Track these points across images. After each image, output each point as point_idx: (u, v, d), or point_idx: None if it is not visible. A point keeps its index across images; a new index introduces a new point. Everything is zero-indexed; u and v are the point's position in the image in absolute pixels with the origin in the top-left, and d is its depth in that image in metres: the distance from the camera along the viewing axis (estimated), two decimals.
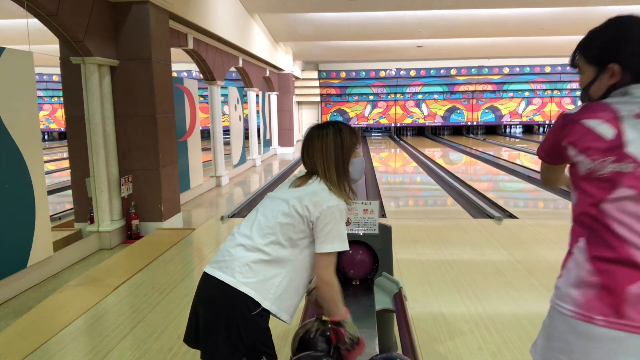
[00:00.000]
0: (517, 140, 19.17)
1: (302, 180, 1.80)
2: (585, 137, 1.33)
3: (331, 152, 1.78)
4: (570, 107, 20.77)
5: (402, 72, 20.49)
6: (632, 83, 1.35)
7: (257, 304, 1.64)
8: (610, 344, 1.26)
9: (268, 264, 1.67)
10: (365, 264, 2.83)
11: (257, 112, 13.73)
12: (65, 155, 8.27)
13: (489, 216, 6.29)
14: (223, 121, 9.80)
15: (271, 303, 1.66)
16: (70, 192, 6.00)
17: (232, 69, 10.61)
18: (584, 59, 1.43)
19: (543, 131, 22.04)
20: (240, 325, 1.62)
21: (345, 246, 1.70)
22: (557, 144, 1.43)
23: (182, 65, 17.00)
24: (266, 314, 1.67)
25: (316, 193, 1.72)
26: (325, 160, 1.77)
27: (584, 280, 1.32)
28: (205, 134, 13.25)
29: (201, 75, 9.00)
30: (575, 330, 1.31)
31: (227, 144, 10.55)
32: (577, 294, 1.33)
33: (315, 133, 1.83)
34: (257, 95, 13.55)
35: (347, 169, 1.80)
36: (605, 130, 1.30)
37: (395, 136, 21.56)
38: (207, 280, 1.70)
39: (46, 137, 21.08)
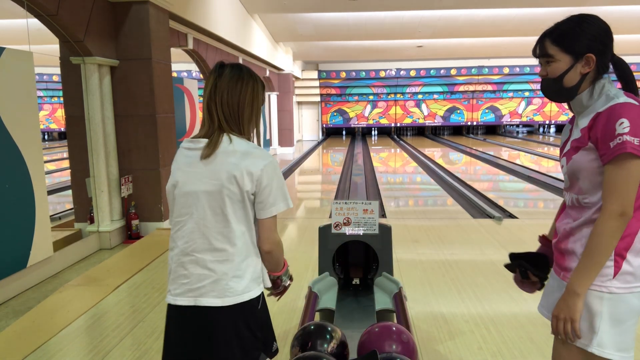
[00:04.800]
0: (517, 140, 19.15)
1: (210, 147, 1.54)
2: None
3: (251, 100, 1.62)
4: None
5: (402, 72, 20.49)
6: (598, 73, 1.49)
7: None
8: None
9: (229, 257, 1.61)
10: None
11: None
12: (65, 155, 8.26)
13: (489, 216, 6.29)
14: None
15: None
16: (70, 192, 6.00)
17: None
18: (560, 48, 1.50)
19: (543, 131, 22.00)
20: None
21: (289, 204, 1.58)
22: None
23: (182, 65, 16.97)
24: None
25: (246, 155, 1.54)
26: (251, 109, 1.62)
27: None
28: None
29: (201, 75, 9.01)
30: None
31: None
32: None
33: (235, 75, 1.58)
34: None
35: (258, 117, 1.68)
36: None
37: (395, 136, 21.56)
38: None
39: (46, 137, 21.07)
